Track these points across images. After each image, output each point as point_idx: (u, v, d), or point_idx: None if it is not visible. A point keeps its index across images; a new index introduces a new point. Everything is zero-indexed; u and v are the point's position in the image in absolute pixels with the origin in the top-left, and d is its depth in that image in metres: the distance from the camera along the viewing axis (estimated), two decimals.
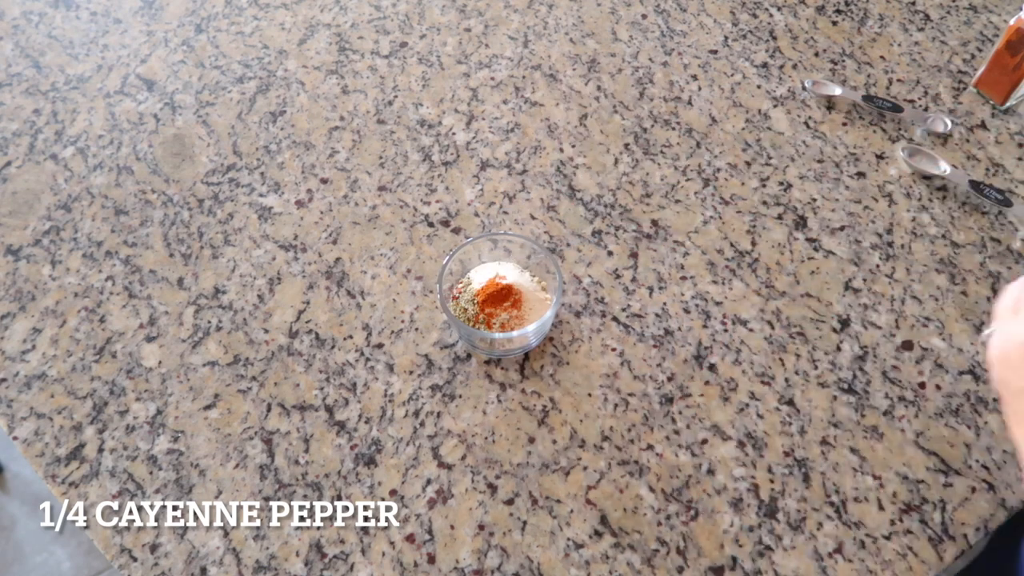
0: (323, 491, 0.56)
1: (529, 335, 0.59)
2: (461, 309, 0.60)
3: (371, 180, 0.74)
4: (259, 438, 0.59)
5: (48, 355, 0.63)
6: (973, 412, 0.60)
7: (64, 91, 0.82)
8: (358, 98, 0.81)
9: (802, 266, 0.68)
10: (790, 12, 0.88)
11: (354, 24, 0.88)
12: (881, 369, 0.62)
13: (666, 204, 0.72)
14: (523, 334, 0.58)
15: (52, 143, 0.78)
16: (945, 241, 0.70)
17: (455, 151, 0.76)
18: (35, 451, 0.59)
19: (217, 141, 0.77)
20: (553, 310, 0.58)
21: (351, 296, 0.66)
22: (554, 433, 0.59)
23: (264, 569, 0.53)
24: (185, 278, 0.68)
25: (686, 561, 0.53)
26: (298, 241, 0.70)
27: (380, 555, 0.53)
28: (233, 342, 0.64)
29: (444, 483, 0.56)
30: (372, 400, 0.60)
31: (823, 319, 0.65)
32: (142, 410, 0.60)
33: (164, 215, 0.72)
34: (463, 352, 0.63)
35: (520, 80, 0.82)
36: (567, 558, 0.53)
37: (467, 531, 0.54)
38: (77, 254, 0.69)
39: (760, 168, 0.75)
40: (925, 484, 0.56)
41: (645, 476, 0.57)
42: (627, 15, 0.88)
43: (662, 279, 0.67)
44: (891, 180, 0.74)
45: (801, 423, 0.59)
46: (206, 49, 0.86)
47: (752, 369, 0.62)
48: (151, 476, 0.57)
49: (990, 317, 0.64)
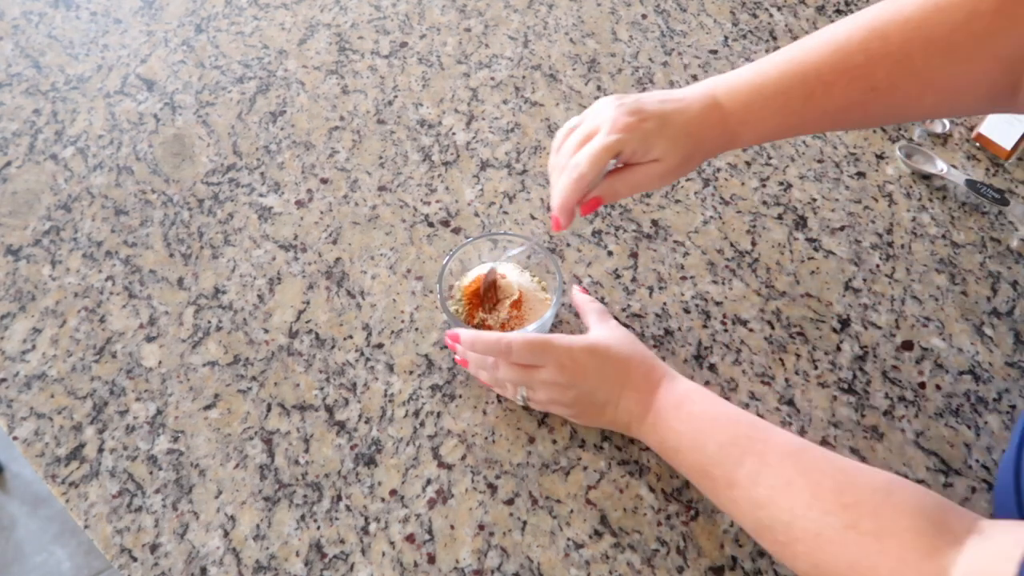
0: (323, 491, 0.56)
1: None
2: (454, 310, 0.61)
3: (371, 180, 0.74)
4: (259, 438, 0.59)
5: (48, 355, 0.63)
6: (973, 412, 0.60)
7: (64, 91, 0.82)
8: (358, 98, 0.81)
9: (802, 266, 0.68)
10: (790, 12, 0.88)
11: (354, 24, 0.88)
12: (881, 369, 0.62)
13: (666, 204, 0.72)
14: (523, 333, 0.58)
15: (52, 143, 0.78)
16: (945, 241, 0.70)
17: (455, 151, 0.76)
18: (35, 451, 0.59)
19: (217, 141, 0.77)
20: (553, 310, 0.58)
21: (351, 296, 0.66)
22: (554, 433, 0.59)
23: (264, 569, 0.53)
24: (185, 278, 0.68)
25: (686, 561, 0.53)
26: (298, 241, 0.70)
27: (380, 555, 0.53)
28: (233, 342, 0.64)
29: (444, 483, 0.56)
30: (372, 400, 0.60)
31: (823, 319, 0.65)
32: (142, 410, 0.60)
33: (164, 215, 0.72)
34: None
35: (520, 80, 0.82)
36: (567, 558, 0.53)
37: (467, 531, 0.54)
38: (77, 254, 0.69)
39: (760, 168, 0.75)
40: (925, 484, 0.56)
41: (645, 476, 0.57)
42: (627, 15, 0.88)
43: (662, 279, 0.67)
44: (891, 180, 0.74)
45: (801, 423, 0.59)
46: (206, 49, 0.86)
47: (752, 369, 0.62)
48: (151, 476, 0.57)
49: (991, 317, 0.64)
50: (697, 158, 0.54)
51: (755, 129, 0.53)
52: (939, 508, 0.41)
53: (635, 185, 0.53)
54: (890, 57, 0.50)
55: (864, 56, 0.50)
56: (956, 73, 0.50)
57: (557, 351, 0.53)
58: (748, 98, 0.52)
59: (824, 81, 0.51)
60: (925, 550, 0.39)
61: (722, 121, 0.53)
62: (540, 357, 0.54)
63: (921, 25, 0.49)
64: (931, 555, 0.38)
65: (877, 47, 0.50)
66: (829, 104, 0.52)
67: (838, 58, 0.51)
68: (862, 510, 0.42)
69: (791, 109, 0.52)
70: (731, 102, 0.52)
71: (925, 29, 0.49)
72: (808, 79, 0.51)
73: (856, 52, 0.50)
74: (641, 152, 0.51)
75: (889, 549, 0.40)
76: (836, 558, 0.42)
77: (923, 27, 0.49)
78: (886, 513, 0.41)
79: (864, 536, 0.41)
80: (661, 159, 0.51)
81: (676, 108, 0.52)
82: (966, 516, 0.40)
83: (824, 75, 0.51)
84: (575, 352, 0.54)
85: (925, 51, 0.49)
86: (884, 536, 0.40)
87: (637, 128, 0.51)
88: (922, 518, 0.40)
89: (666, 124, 0.51)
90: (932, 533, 0.39)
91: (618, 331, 0.57)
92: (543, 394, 0.55)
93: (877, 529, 0.40)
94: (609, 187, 0.53)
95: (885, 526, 0.40)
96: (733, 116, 0.52)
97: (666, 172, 0.52)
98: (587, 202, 0.53)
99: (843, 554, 0.41)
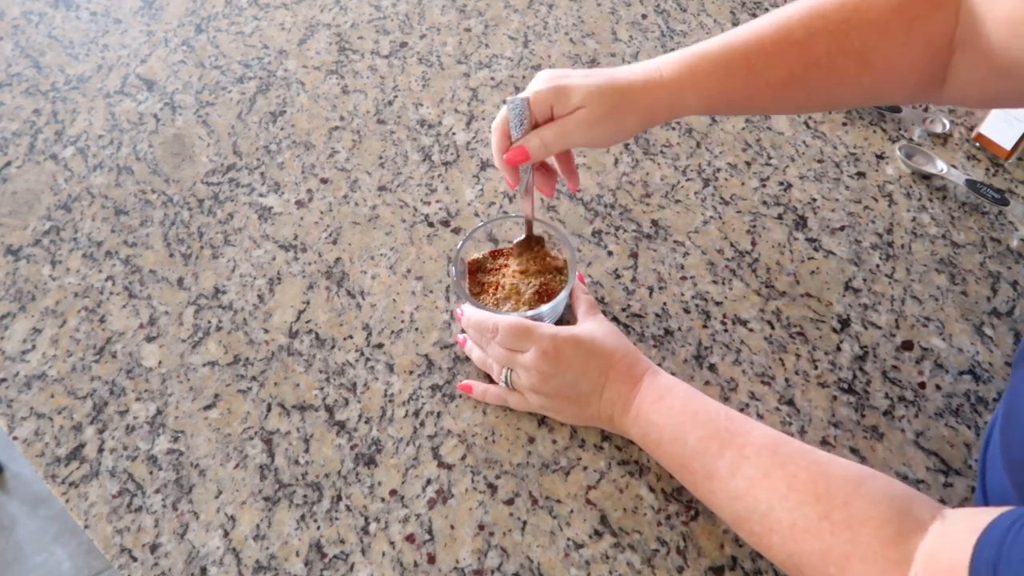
0: (323, 491, 0.56)
1: (544, 315, 0.59)
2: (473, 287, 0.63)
3: (371, 180, 0.74)
4: (259, 438, 0.59)
5: (48, 355, 0.63)
6: (973, 412, 0.60)
7: (64, 91, 0.82)
8: (358, 98, 0.81)
9: (802, 266, 0.68)
10: None
11: (354, 24, 0.88)
12: (881, 369, 0.62)
13: (666, 204, 0.72)
14: (537, 314, 0.58)
15: (52, 143, 0.78)
16: (945, 241, 0.70)
17: (455, 151, 0.76)
18: (35, 451, 0.59)
19: (217, 141, 0.77)
20: (565, 292, 0.59)
21: (351, 296, 0.66)
22: (554, 433, 0.59)
23: (264, 569, 0.53)
24: (185, 278, 0.68)
25: (686, 561, 0.53)
26: (298, 241, 0.70)
27: (380, 555, 0.53)
28: (233, 342, 0.64)
29: (444, 483, 0.56)
30: (372, 400, 0.60)
31: (823, 319, 0.65)
32: (142, 410, 0.60)
33: (164, 215, 0.72)
34: (463, 352, 0.63)
35: (520, 80, 0.82)
36: (567, 558, 0.53)
37: (467, 531, 0.54)
38: (77, 254, 0.69)
39: (760, 168, 0.75)
40: (925, 484, 0.56)
41: (645, 476, 0.57)
42: (627, 15, 0.88)
43: (662, 279, 0.67)
44: (891, 180, 0.74)
45: (801, 423, 0.59)
46: (206, 49, 0.86)
47: (752, 369, 0.62)
48: (151, 476, 0.57)
49: (989, 317, 0.64)
50: (631, 114, 0.55)
51: (700, 96, 0.55)
52: (906, 498, 0.42)
53: (562, 133, 0.55)
54: (829, 34, 0.52)
55: (804, 32, 0.53)
56: (891, 56, 0.52)
57: (541, 338, 0.55)
58: (691, 65, 0.54)
59: (766, 52, 0.53)
60: (891, 538, 0.40)
61: (661, 84, 0.54)
62: (523, 342, 0.55)
63: (858, 7, 0.52)
64: (896, 543, 0.40)
65: (817, 24, 0.52)
66: (772, 76, 0.54)
67: (780, 34, 0.53)
68: (834, 501, 0.43)
69: (733, 76, 0.54)
70: (673, 70, 0.54)
71: (862, 11, 0.52)
72: (750, 51, 0.54)
73: (796, 27, 0.53)
74: (560, 104, 0.54)
75: (859, 538, 0.41)
76: (809, 547, 0.43)
77: (859, 9, 0.52)
78: (857, 504, 0.42)
79: (836, 526, 0.42)
80: (584, 106, 0.53)
81: (606, 72, 0.55)
82: (932, 505, 0.42)
83: (766, 47, 0.53)
84: (559, 341, 0.55)
85: (862, 31, 0.52)
86: (854, 525, 0.42)
87: (553, 82, 0.54)
88: (889, 507, 0.41)
89: (588, 77, 0.54)
90: (898, 521, 0.41)
91: (604, 325, 0.58)
92: (525, 379, 0.56)
93: (847, 519, 0.42)
94: (537, 135, 0.55)
95: (855, 515, 0.42)
96: (674, 82, 0.54)
97: (593, 120, 0.54)
98: (511, 151, 0.55)
99: (816, 543, 0.43)
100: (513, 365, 0.57)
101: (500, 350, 0.57)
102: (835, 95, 0.57)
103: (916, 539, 0.40)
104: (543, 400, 0.57)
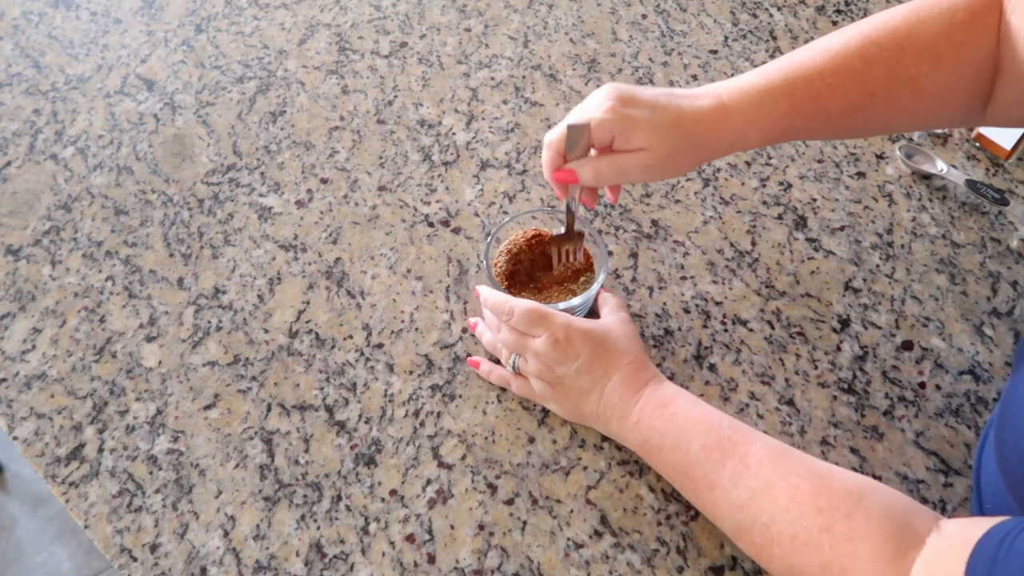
0: (323, 491, 0.56)
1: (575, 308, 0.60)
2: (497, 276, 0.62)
3: (371, 180, 0.74)
4: (259, 438, 0.59)
5: (48, 355, 0.63)
6: (973, 412, 0.60)
7: (64, 91, 0.82)
8: (358, 98, 0.81)
9: (802, 266, 0.68)
10: (790, 12, 0.88)
11: (354, 24, 0.88)
12: (881, 369, 0.62)
13: (666, 204, 0.72)
14: (569, 306, 0.58)
15: (52, 143, 0.78)
16: (945, 241, 0.70)
17: (455, 151, 0.76)
18: (35, 451, 0.59)
19: (217, 141, 0.77)
20: (597, 285, 0.59)
21: (351, 296, 0.66)
22: (554, 433, 0.59)
23: (264, 569, 0.53)
24: (185, 278, 0.68)
25: (686, 561, 0.53)
26: (298, 241, 0.70)
27: (380, 555, 0.53)
28: (233, 342, 0.64)
29: (444, 483, 0.56)
30: (372, 400, 0.60)
31: (823, 319, 0.65)
32: (142, 410, 0.60)
33: (164, 215, 0.72)
34: (463, 352, 0.63)
35: (520, 80, 0.82)
36: (567, 558, 0.53)
37: (467, 531, 0.54)
38: (77, 254, 0.69)
39: (760, 168, 0.75)
40: (925, 484, 0.56)
41: (645, 476, 0.57)
42: (627, 15, 0.88)
43: (662, 279, 0.67)
44: (891, 180, 0.74)
45: (801, 423, 0.59)
46: (206, 49, 0.86)
47: (752, 369, 0.62)
48: (151, 476, 0.57)
49: (990, 317, 0.64)
50: (691, 155, 0.54)
51: (762, 130, 0.54)
52: (906, 512, 0.42)
53: (619, 170, 0.53)
54: (885, 62, 0.52)
55: (862, 61, 0.52)
56: (943, 81, 0.52)
57: (554, 325, 0.55)
58: (757, 99, 0.53)
59: (827, 83, 0.53)
60: (891, 554, 0.40)
61: (726, 120, 0.53)
62: (537, 327, 0.55)
63: (909, 34, 0.52)
64: (895, 560, 0.40)
65: (873, 52, 0.52)
66: (832, 107, 0.53)
67: (839, 62, 0.53)
68: (836, 514, 0.43)
69: (798, 111, 0.53)
70: (738, 103, 0.53)
71: (913, 37, 0.51)
72: (812, 82, 0.53)
73: (855, 57, 0.52)
74: (622, 138, 0.52)
75: (859, 552, 0.41)
76: (810, 560, 0.43)
77: (911, 36, 0.52)
78: (858, 518, 0.42)
79: (836, 539, 0.42)
80: (647, 148, 0.52)
81: (673, 102, 0.53)
82: (930, 516, 0.42)
83: (827, 77, 0.53)
84: (571, 331, 0.55)
85: (916, 58, 0.52)
86: (855, 539, 0.42)
87: (619, 112, 0.51)
88: (890, 522, 0.42)
89: (655, 113, 0.52)
90: (898, 537, 0.41)
91: (624, 326, 0.58)
92: (533, 365, 0.56)
93: (848, 532, 0.42)
94: (592, 166, 0.54)
95: (856, 530, 0.42)
96: (739, 116, 0.53)
97: (652, 163, 0.53)
98: (561, 171, 0.54)
99: (816, 556, 0.43)
100: (523, 350, 0.57)
101: (511, 335, 0.57)
102: (890, 122, 0.56)
103: (914, 554, 0.40)
104: (545, 388, 0.57)
